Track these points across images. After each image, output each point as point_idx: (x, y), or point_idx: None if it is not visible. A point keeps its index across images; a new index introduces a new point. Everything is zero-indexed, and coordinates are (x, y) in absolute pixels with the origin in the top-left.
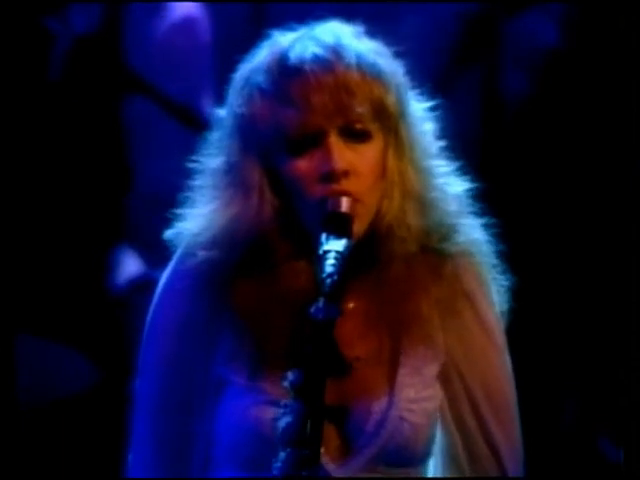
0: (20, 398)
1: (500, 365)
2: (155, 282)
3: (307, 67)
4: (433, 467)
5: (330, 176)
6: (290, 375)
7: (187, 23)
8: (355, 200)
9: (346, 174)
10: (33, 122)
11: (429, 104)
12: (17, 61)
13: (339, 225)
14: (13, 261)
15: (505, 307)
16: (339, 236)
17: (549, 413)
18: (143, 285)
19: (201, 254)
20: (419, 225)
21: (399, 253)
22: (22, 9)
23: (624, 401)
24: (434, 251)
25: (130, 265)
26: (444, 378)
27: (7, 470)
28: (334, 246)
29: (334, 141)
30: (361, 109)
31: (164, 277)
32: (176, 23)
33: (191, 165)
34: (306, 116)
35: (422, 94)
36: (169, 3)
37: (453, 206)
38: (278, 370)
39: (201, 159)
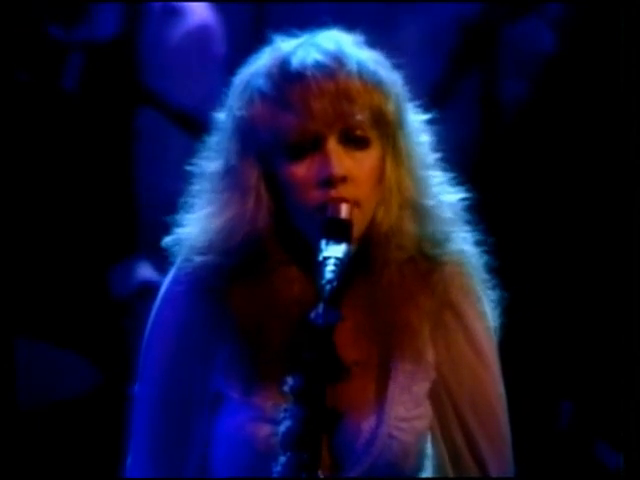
0: (20, 401)
1: (488, 379)
2: (157, 288)
3: (309, 73)
4: None
5: (328, 182)
6: (290, 380)
7: (202, 32)
8: (353, 205)
9: (344, 180)
10: (46, 131)
11: (426, 115)
12: (28, 70)
13: (339, 231)
14: (15, 264)
15: (497, 322)
16: (339, 242)
17: (545, 418)
18: (145, 290)
19: (197, 259)
20: (415, 232)
21: (394, 260)
22: (34, 18)
23: (624, 405)
24: (426, 259)
25: (143, 274)
26: (433, 395)
27: (7, 472)
28: (334, 252)
29: (333, 147)
30: (361, 116)
31: (164, 284)
32: (191, 31)
33: (190, 169)
34: (306, 122)
35: (420, 105)
36: (184, 10)
37: (448, 214)
38: (272, 384)
39: (200, 163)
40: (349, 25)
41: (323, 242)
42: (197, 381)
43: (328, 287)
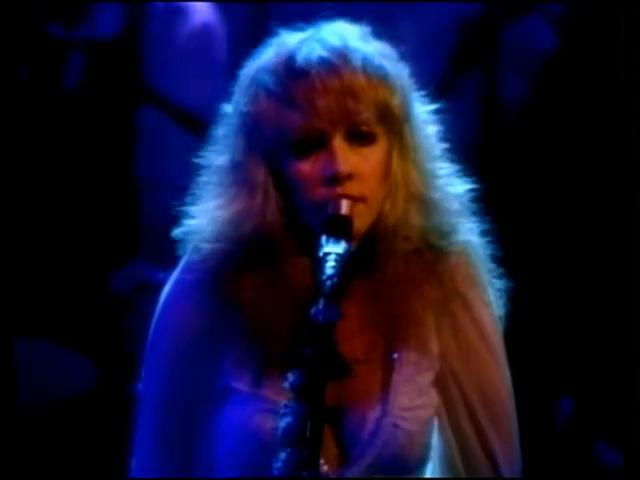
0: (21, 399)
1: (496, 368)
2: (157, 284)
3: (313, 70)
4: (431, 473)
5: (334, 179)
6: (290, 376)
7: (205, 32)
8: (359, 201)
9: (350, 177)
10: (47, 130)
11: (433, 106)
12: (30, 69)
13: (339, 227)
14: (15, 263)
15: (502, 311)
16: (339, 238)
17: (544, 416)
18: (145, 287)
19: (206, 248)
20: (421, 224)
21: (400, 251)
22: (35, 17)
23: (623, 403)
24: (432, 249)
25: (143, 272)
26: (440, 384)
27: (7, 472)
28: (334, 248)
29: (338, 144)
30: (366, 113)
31: (173, 275)
32: (194, 31)
33: (197, 161)
34: (311, 119)
35: (426, 96)
36: (187, 10)
37: (454, 206)
38: (281, 376)
39: (207, 155)
40: (349, 20)
41: (323, 238)
42: (205, 377)
43: (328, 283)
